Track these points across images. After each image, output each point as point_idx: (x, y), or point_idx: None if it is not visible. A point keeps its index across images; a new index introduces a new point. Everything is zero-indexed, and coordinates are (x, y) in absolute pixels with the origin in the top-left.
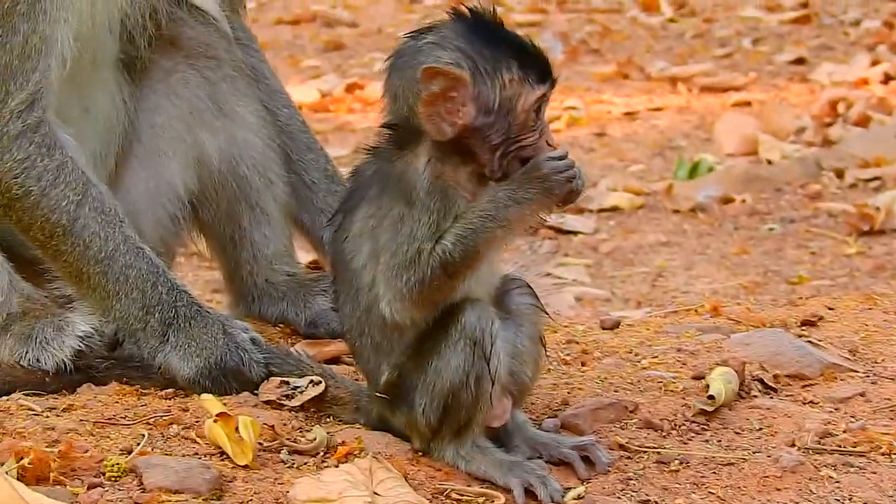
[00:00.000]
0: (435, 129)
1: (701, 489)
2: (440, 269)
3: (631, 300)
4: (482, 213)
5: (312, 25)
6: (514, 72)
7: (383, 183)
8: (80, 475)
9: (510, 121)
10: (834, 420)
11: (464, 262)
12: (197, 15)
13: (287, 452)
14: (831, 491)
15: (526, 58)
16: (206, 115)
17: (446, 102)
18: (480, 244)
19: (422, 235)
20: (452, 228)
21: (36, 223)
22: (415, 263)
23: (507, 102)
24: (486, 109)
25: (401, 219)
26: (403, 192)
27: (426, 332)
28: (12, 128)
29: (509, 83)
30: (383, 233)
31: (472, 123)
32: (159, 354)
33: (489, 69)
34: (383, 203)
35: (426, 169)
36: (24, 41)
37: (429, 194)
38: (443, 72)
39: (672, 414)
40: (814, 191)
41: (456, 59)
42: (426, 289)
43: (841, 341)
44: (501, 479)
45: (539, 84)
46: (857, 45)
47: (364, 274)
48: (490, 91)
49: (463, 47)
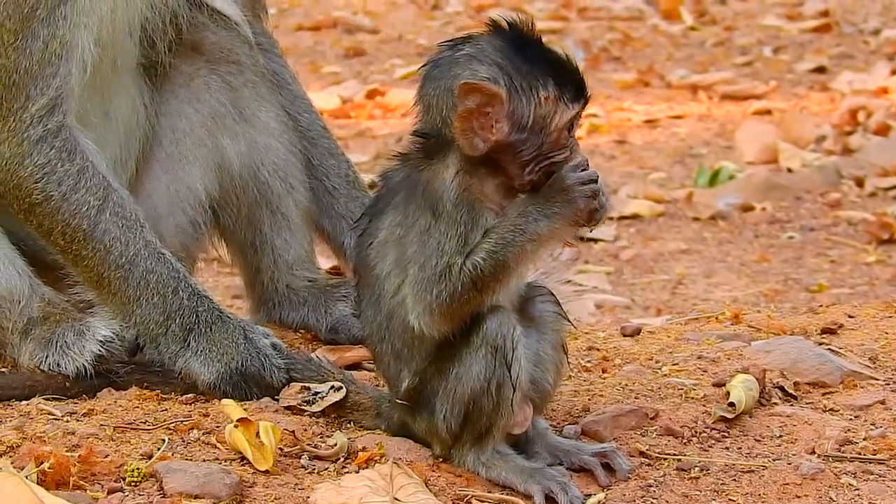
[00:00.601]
0: (468, 144)
1: (721, 496)
2: (470, 284)
3: (651, 307)
4: (513, 228)
5: (333, 32)
6: (549, 90)
7: (410, 191)
8: (100, 480)
9: (543, 138)
10: (854, 428)
11: (494, 277)
12: (218, 20)
13: (308, 458)
14: (851, 499)
15: (562, 76)
16: (227, 120)
17: (481, 118)
18: (511, 259)
19: (450, 249)
20: (483, 243)
21: (57, 228)
22: (445, 278)
23: (541, 120)
24: (520, 126)
25: (427, 230)
26: (430, 203)
27: (448, 338)
28: (33, 133)
29: (544, 101)
30: (410, 244)
31: (505, 140)
32: (180, 359)
33: (525, 86)
34: (410, 211)
35: (454, 181)
36: (44, 46)
37: (456, 206)
38: (480, 88)
39: (692, 421)
40: (833, 199)
41: (493, 74)
42: (456, 303)
43: (861, 349)
44: (522, 485)
45: (574, 102)
46: (877, 54)
47: (388, 281)
48: (525, 108)
49: (501, 62)
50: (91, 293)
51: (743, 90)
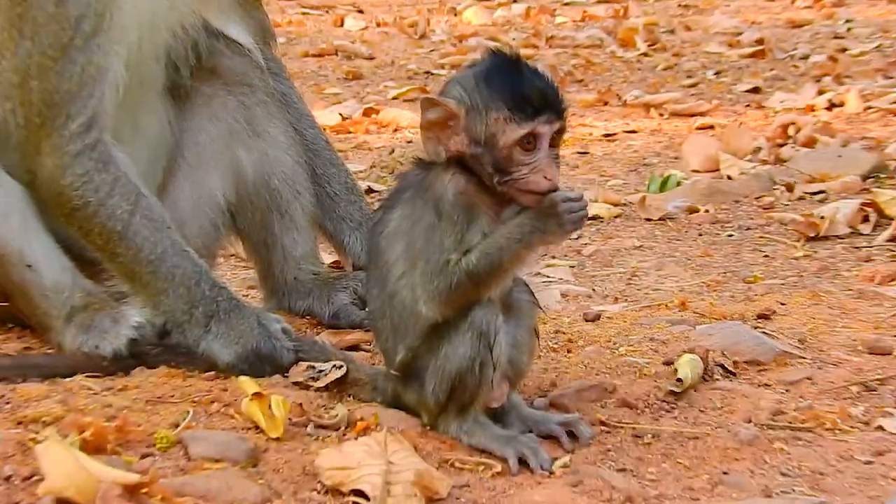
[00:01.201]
0: (430, 150)
1: (670, 459)
2: (466, 279)
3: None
4: (508, 235)
5: (335, 58)
6: (501, 112)
7: (417, 190)
8: (133, 447)
9: (496, 154)
10: (785, 400)
11: (489, 275)
12: (234, 47)
13: (313, 427)
14: (783, 461)
15: (518, 100)
16: (242, 135)
17: (444, 129)
18: (504, 261)
19: (448, 246)
20: (481, 245)
21: (94, 230)
22: (443, 271)
23: (493, 137)
24: (475, 141)
25: (432, 227)
26: (433, 202)
27: (439, 321)
28: (73, 147)
29: (494, 121)
30: (418, 238)
31: (464, 150)
32: (202, 342)
33: (481, 106)
34: (416, 207)
35: (449, 183)
36: (81, 71)
37: (453, 207)
38: (438, 103)
39: (645, 394)
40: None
41: (459, 94)
42: (453, 293)
43: (791, 332)
44: (499, 450)
45: (525, 123)
46: (805, 77)
47: (395, 267)
48: (479, 125)
49: (468, 85)
50: (125, 285)
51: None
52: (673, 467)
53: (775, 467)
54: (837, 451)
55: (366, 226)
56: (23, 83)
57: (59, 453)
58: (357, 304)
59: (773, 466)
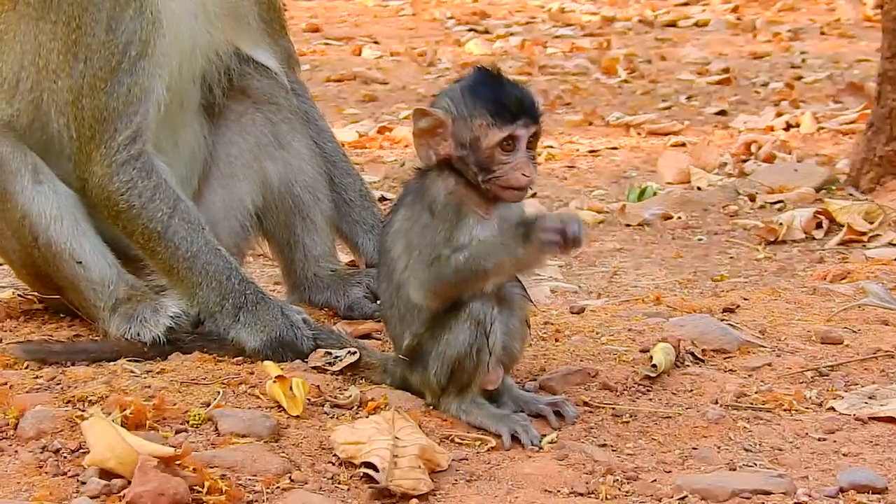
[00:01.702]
0: (422, 155)
1: (646, 436)
2: (453, 274)
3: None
4: (497, 243)
5: (353, 83)
6: (483, 118)
7: (416, 194)
8: (169, 423)
9: (479, 155)
10: (748, 384)
11: (472, 275)
12: (262, 71)
13: (329, 406)
14: (745, 438)
15: (499, 108)
16: (268, 148)
17: (434, 137)
18: (489, 265)
19: (439, 241)
20: (471, 247)
21: (137, 230)
22: (433, 264)
23: (476, 141)
24: (461, 144)
25: (427, 226)
26: (429, 204)
27: (441, 311)
28: (119, 157)
29: (478, 126)
30: (415, 235)
31: (452, 153)
32: (232, 330)
33: (466, 114)
34: (416, 209)
35: (441, 186)
36: (127, 91)
37: (444, 207)
38: (428, 113)
39: (624, 378)
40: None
41: (447, 104)
42: (441, 285)
43: (753, 324)
44: (494, 427)
45: (505, 126)
46: (765, 101)
47: (399, 261)
48: (464, 131)
49: (455, 96)
50: (163, 280)
51: (664, 128)
52: (648, 443)
53: (739, 444)
54: (794, 429)
55: (378, 229)
56: (76, 101)
57: (102, 428)
58: (369, 297)
59: (737, 443)
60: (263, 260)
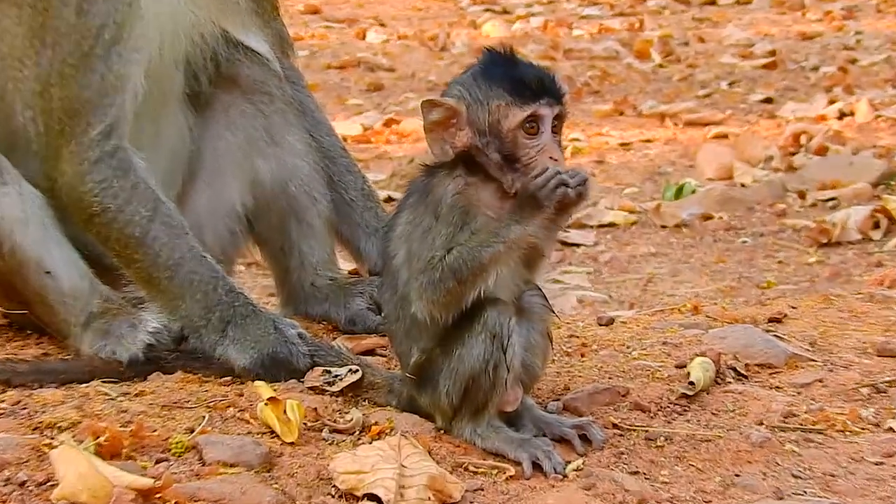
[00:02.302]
0: (438, 150)
1: (683, 462)
2: (450, 275)
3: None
4: (490, 232)
5: (357, 70)
6: (502, 98)
7: (421, 194)
8: (148, 452)
9: (501, 139)
10: (796, 403)
11: (470, 272)
12: (252, 56)
13: (328, 431)
14: (794, 463)
15: (517, 86)
16: (260, 143)
17: (448, 128)
18: (485, 258)
19: (438, 245)
20: (464, 242)
21: (112, 235)
22: (429, 268)
23: (497, 124)
24: (480, 131)
25: (429, 230)
26: (433, 206)
27: (453, 323)
28: (92, 154)
29: (496, 108)
30: (415, 240)
31: (470, 143)
32: (219, 347)
33: (482, 98)
34: (419, 212)
35: (451, 187)
36: (101, 80)
37: (450, 209)
38: (439, 103)
39: (658, 398)
40: (780, 209)
41: (458, 91)
42: (438, 291)
43: (802, 335)
44: (513, 453)
45: (527, 104)
46: (816, 87)
47: (401, 271)
48: (481, 116)
49: (466, 81)
50: (142, 291)
51: (703, 118)
52: (685, 470)
53: (787, 469)
54: (848, 452)
55: (382, 232)
56: (44, 91)
57: (73, 458)
58: (373, 309)
59: (784, 468)
60: (255, 268)
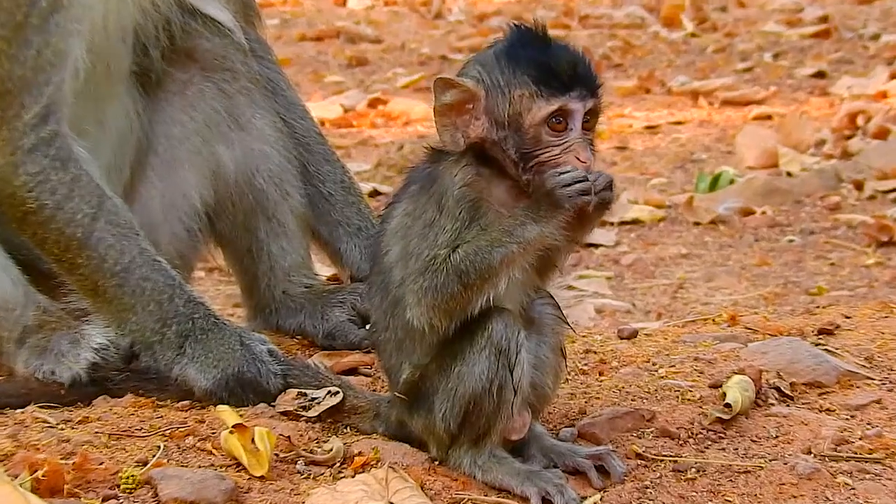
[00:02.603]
0: (448, 139)
1: (717, 497)
2: (455, 278)
3: (652, 312)
4: (503, 229)
5: (336, 41)
6: (526, 87)
7: (424, 183)
8: (94, 487)
9: (522, 135)
10: (850, 427)
11: (479, 275)
12: (212, 27)
13: (303, 463)
14: (847, 497)
15: (546, 74)
16: (222, 127)
17: (462, 114)
18: (495, 259)
19: (441, 242)
20: (473, 240)
21: (51, 237)
22: (430, 269)
23: (518, 117)
24: (498, 123)
25: (431, 224)
26: (437, 197)
27: (452, 335)
28: (26, 141)
29: (518, 98)
30: (415, 235)
31: (486, 136)
32: (176, 366)
33: (503, 84)
34: (420, 203)
35: (459, 177)
36: (37, 54)
37: (457, 202)
38: (455, 84)
39: (689, 422)
40: (833, 202)
41: (478, 72)
42: (441, 296)
43: (857, 349)
44: (519, 488)
45: (553, 97)
46: (876, 59)
47: (395, 270)
48: (501, 105)
49: (488, 63)
50: (86, 301)
51: (743, 96)
52: None
53: None
54: None
55: (365, 231)
56: None
57: (7, 496)
58: (355, 321)
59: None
60: (218, 274)
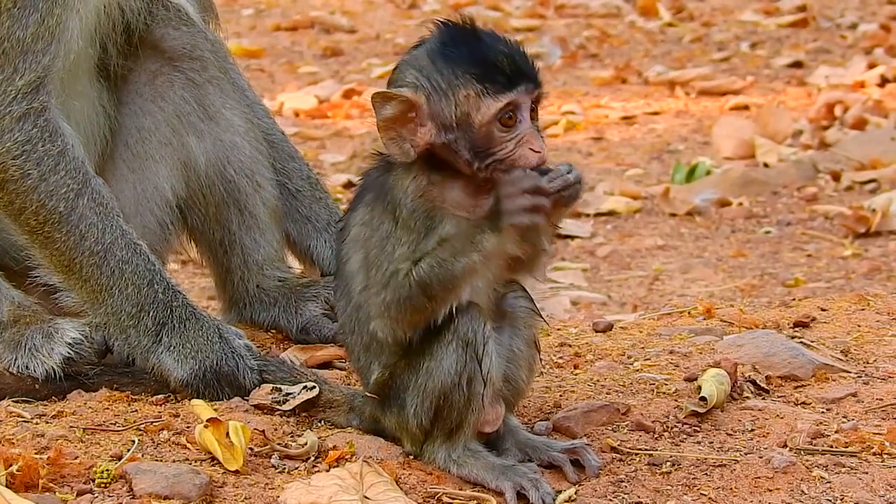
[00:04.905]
0: (398, 150)
1: (693, 491)
2: (419, 291)
3: (627, 304)
4: (464, 239)
5: (310, 32)
6: (471, 87)
7: (378, 193)
8: (69, 482)
9: (471, 136)
10: (826, 421)
11: (442, 287)
12: (178, 16)
13: (278, 457)
14: (823, 491)
15: (489, 71)
16: (192, 117)
17: (406, 124)
18: (458, 270)
19: (400, 255)
20: (434, 251)
21: (30, 208)
22: (392, 283)
23: (466, 118)
24: (445, 126)
25: (388, 236)
26: (392, 209)
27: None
28: (17, 108)
29: (465, 99)
30: (374, 246)
31: (435, 141)
32: (152, 355)
33: (445, 87)
34: (375, 213)
35: (411, 188)
36: (40, 20)
37: (411, 214)
38: (393, 96)
39: (664, 416)
40: (810, 193)
41: (414, 78)
42: (404, 309)
43: (833, 342)
44: (493, 482)
45: (501, 94)
46: (854, 49)
47: (356, 278)
48: (446, 108)
49: (423, 66)
50: (56, 278)
51: (720, 86)
52: (695, 500)
53: (815, 499)
54: (886, 479)
55: (334, 226)
56: None
57: None
58: (329, 314)
59: (811, 498)
60: (191, 267)
